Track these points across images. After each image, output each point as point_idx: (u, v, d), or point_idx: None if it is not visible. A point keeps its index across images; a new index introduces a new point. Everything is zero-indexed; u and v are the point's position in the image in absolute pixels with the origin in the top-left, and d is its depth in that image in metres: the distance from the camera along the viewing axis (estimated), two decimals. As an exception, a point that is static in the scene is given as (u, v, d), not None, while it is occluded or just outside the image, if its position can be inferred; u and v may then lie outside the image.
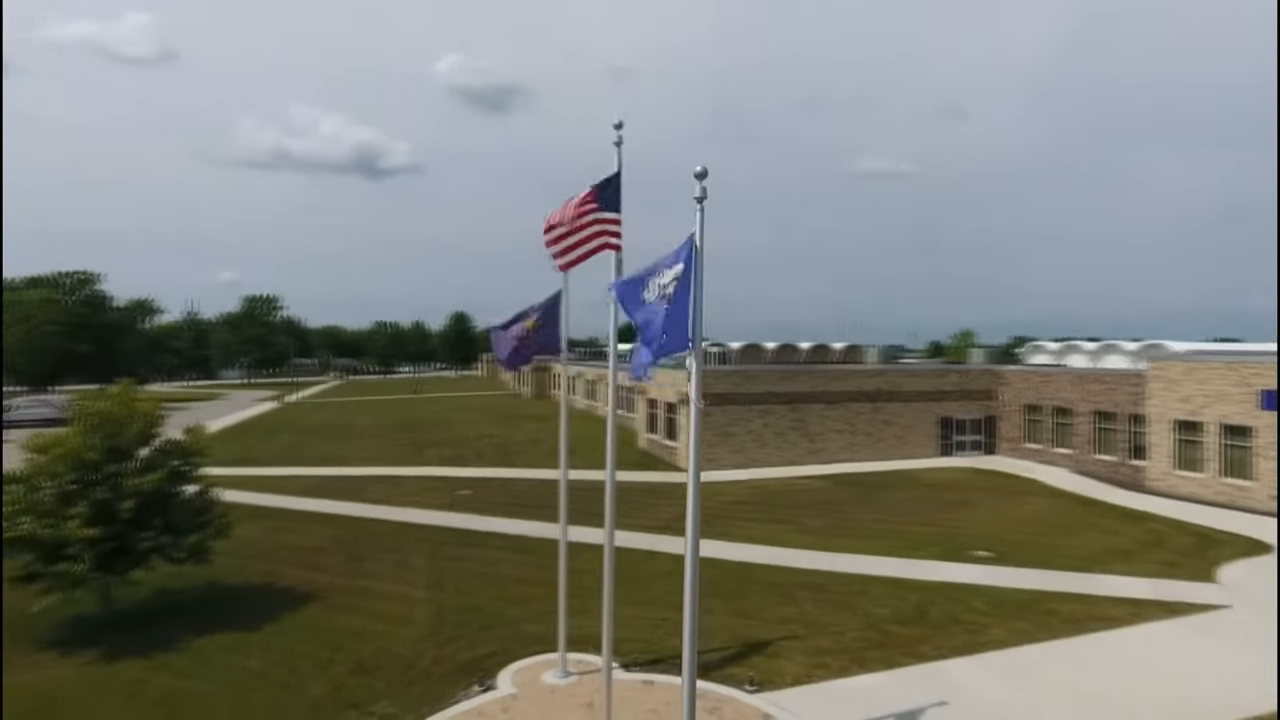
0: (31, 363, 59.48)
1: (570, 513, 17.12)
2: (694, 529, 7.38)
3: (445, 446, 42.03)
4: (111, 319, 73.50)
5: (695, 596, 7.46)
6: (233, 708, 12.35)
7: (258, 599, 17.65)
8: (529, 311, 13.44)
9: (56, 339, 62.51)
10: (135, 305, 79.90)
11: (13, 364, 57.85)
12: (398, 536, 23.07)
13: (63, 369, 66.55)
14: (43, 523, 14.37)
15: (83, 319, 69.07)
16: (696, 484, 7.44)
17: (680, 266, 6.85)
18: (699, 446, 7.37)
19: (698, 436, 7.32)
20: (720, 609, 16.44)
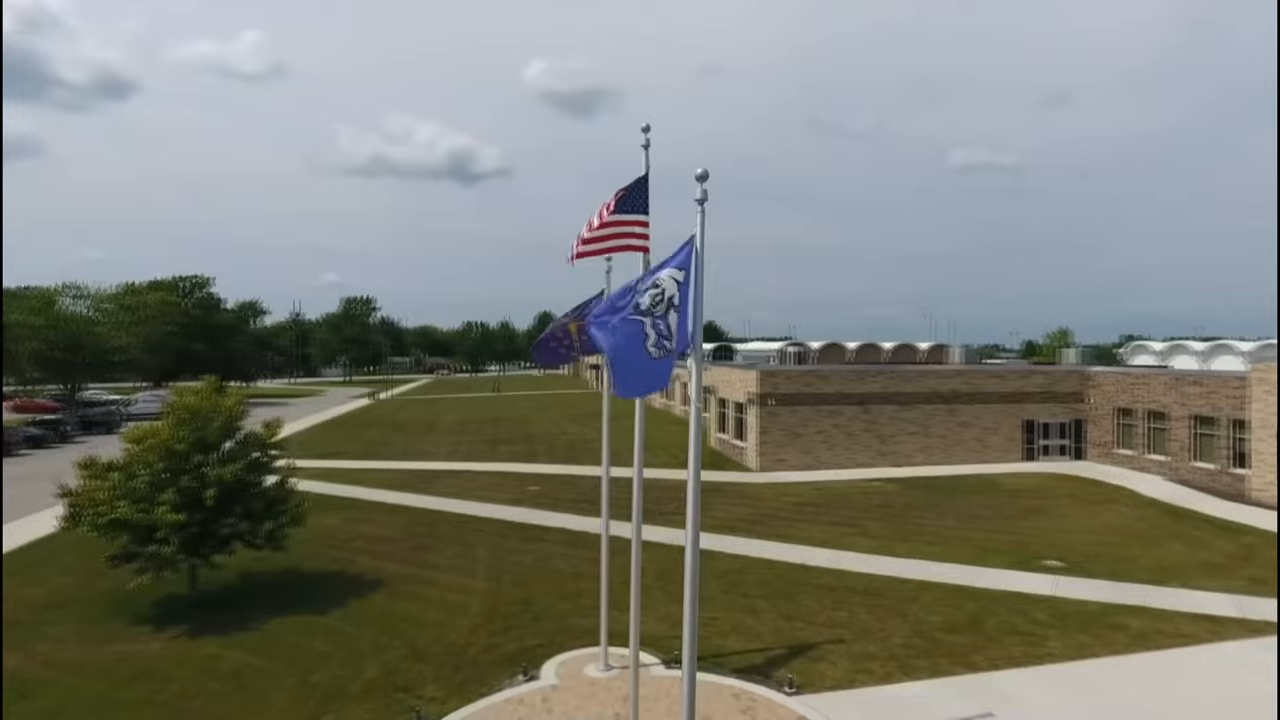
0: (152, 360, 64.49)
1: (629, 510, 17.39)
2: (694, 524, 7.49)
3: (519, 443, 43.12)
4: (223, 320, 78.80)
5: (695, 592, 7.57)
6: (293, 685, 13.18)
7: (330, 585, 18.69)
8: (573, 312, 13.76)
9: (175, 338, 67.52)
10: (244, 307, 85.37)
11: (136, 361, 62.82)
12: (463, 529, 23.93)
13: (180, 366, 71.80)
14: (136, 508, 15.67)
15: (198, 320, 74.37)
16: (696, 482, 7.55)
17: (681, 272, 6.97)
18: (699, 444, 7.46)
19: (698, 435, 7.43)
20: (768, 610, 16.38)
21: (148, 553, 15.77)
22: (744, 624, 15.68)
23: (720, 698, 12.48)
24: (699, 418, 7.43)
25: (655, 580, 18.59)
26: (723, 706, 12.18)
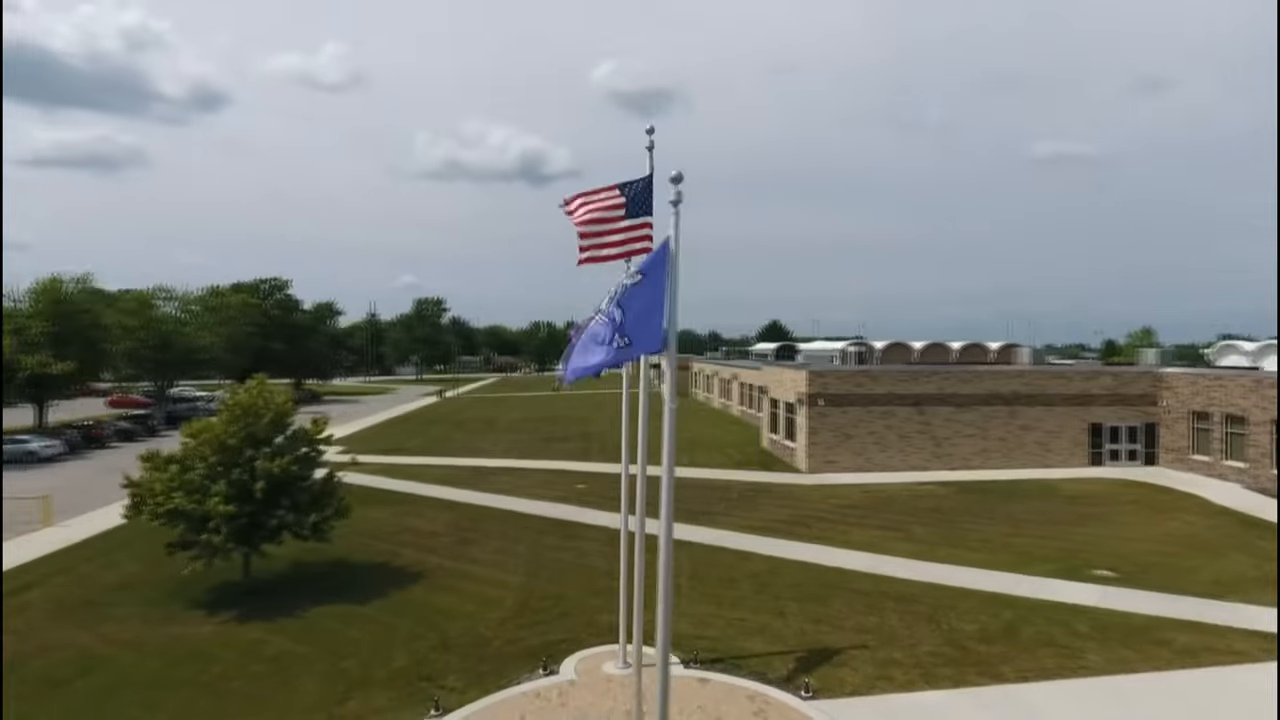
0: (233, 358, 67.87)
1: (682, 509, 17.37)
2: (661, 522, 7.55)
3: (573, 441, 43.67)
4: (300, 320, 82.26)
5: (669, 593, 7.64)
6: (326, 670, 13.78)
7: (374, 576, 19.41)
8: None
9: (254, 338, 70.88)
10: (321, 307, 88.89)
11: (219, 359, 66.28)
12: (508, 525, 24.44)
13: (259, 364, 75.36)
14: (190, 499, 16.64)
15: (276, 320, 77.87)
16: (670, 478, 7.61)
17: (639, 276, 7.08)
18: (674, 444, 7.53)
19: (672, 434, 7.49)
20: (797, 613, 16.23)
21: (201, 541, 16.72)
22: (770, 626, 15.58)
23: (734, 699, 12.47)
24: (673, 419, 7.49)
25: (687, 580, 18.66)
26: (735, 708, 12.17)
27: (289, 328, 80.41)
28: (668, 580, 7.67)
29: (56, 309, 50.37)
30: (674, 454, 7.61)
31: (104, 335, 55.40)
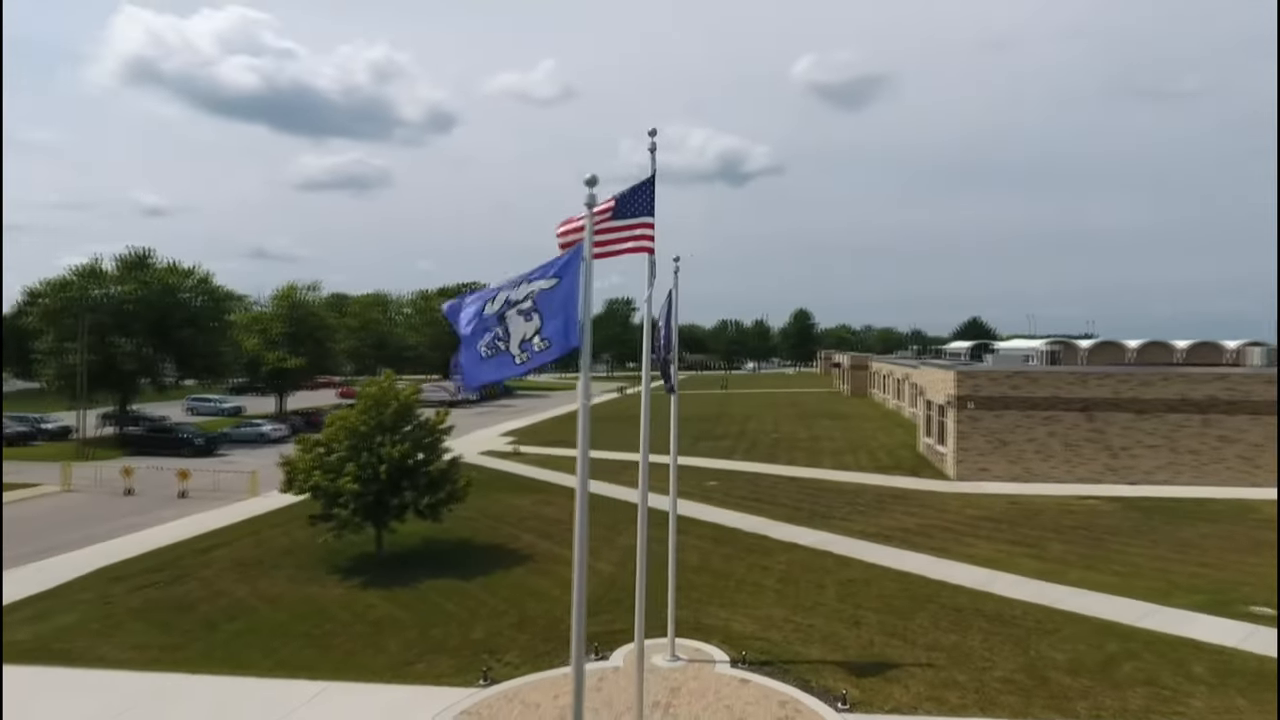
0: (437, 356, 75.39)
1: (804, 511, 17.38)
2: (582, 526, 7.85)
3: (724, 439, 43.81)
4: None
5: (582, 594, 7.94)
6: (413, 636, 15.33)
7: (488, 556, 21.06)
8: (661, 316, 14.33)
9: (454, 336, 78.02)
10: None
11: (424, 356, 74.04)
12: (621, 516, 25.29)
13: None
14: (326, 477, 19.12)
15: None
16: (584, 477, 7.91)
17: (555, 280, 7.42)
18: (586, 449, 7.81)
19: (585, 439, 7.78)
20: (872, 624, 15.54)
21: (334, 515, 19.16)
22: (838, 634, 15.08)
23: (764, 703, 12.34)
24: (586, 419, 7.80)
25: (774, 582, 18.45)
26: (762, 711, 12.05)
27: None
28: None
29: (292, 312, 58.77)
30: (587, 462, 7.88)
31: (330, 335, 63.76)
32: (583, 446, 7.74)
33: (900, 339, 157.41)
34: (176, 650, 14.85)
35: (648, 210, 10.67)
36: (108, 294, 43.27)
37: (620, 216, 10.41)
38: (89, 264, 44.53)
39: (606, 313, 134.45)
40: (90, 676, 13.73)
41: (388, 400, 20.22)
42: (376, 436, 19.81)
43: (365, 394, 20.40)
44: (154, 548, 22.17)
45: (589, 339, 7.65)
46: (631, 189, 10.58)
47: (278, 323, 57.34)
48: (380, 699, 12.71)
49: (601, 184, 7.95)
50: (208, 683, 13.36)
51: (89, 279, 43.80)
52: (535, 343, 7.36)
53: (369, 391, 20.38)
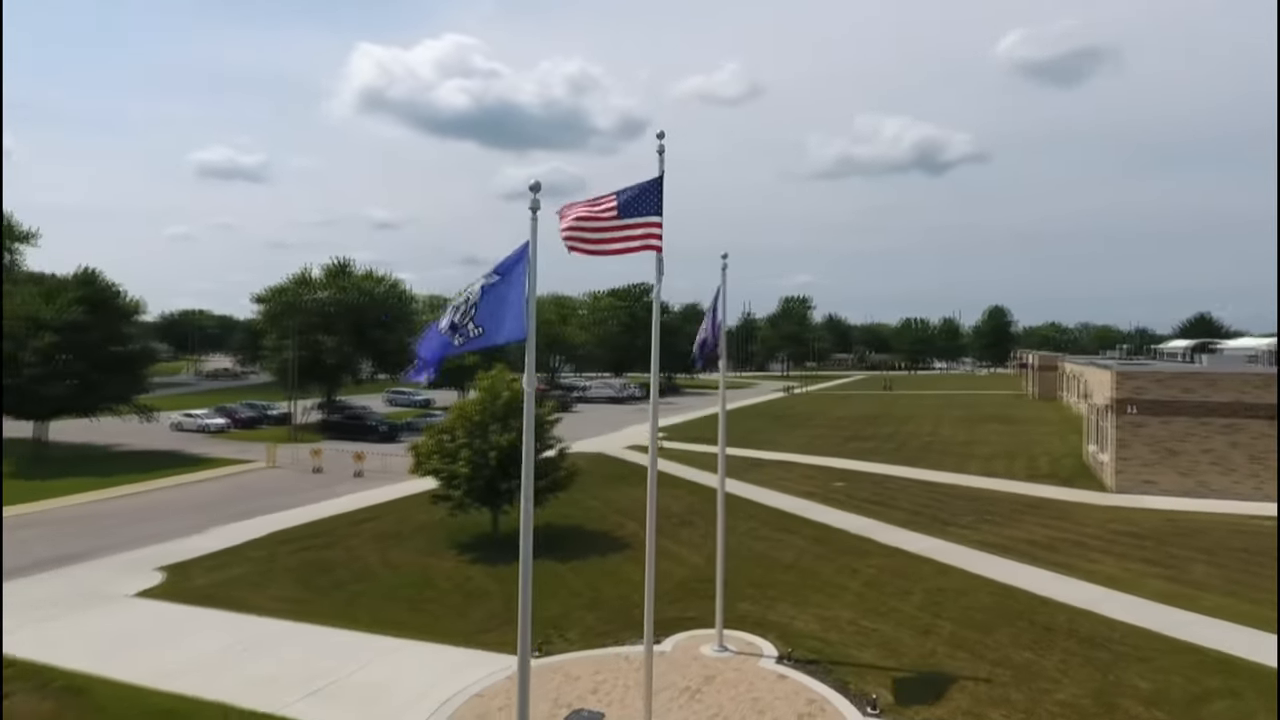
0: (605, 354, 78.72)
1: (923, 517, 17.12)
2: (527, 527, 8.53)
3: (871, 441, 42.24)
4: (667, 321, 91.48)
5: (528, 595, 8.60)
6: (495, 608, 16.68)
7: (592, 542, 22.22)
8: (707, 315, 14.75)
9: (623, 336, 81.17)
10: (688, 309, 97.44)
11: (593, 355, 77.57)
12: (734, 513, 25.44)
13: (628, 359, 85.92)
14: (443, 461, 21.16)
15: (643, 320, 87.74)
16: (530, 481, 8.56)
17: (498, 277, 8.14)
18: (531, 449, 8.45)
19: (531, 436, 8.43)
20: (943, 634, 14.85)
21: (450, 496, 21.17)
22: (901, 641, 14.57)
23: (791, 699, 12.33)
24: (531, 403, 8.46)
25: (860, 585, 18.04)
26: (786, 707, 12.07)
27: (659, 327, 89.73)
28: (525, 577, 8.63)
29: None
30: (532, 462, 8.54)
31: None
32: (528, 444, 8.42)
33: (1119, 338, 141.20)
34: (306, 603, 17.27)
35: (656, 210, 11.09)
36: (315, 298, 49.67)
37: (627, 215, 10.89)
38: (301, 272, 51.37)
39: (782, 311, 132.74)
40: (234, 618, 16.37)
41: (499, 392, 21.95)
42: (490, 425, 21.57)
43: (480, 386, 22.28)
44: (320, 518, 25.52)
45: (534, 333, 8.35)
46: (639, 187, 11.02)
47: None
48: (444, 658, 14.14)
49: (795, 181, 8.40)
50: (315, 631, 15.50)
51: (301, 285, 50.55)
52: (470, 329, 8.17)
53: (483, 384, 22.23)
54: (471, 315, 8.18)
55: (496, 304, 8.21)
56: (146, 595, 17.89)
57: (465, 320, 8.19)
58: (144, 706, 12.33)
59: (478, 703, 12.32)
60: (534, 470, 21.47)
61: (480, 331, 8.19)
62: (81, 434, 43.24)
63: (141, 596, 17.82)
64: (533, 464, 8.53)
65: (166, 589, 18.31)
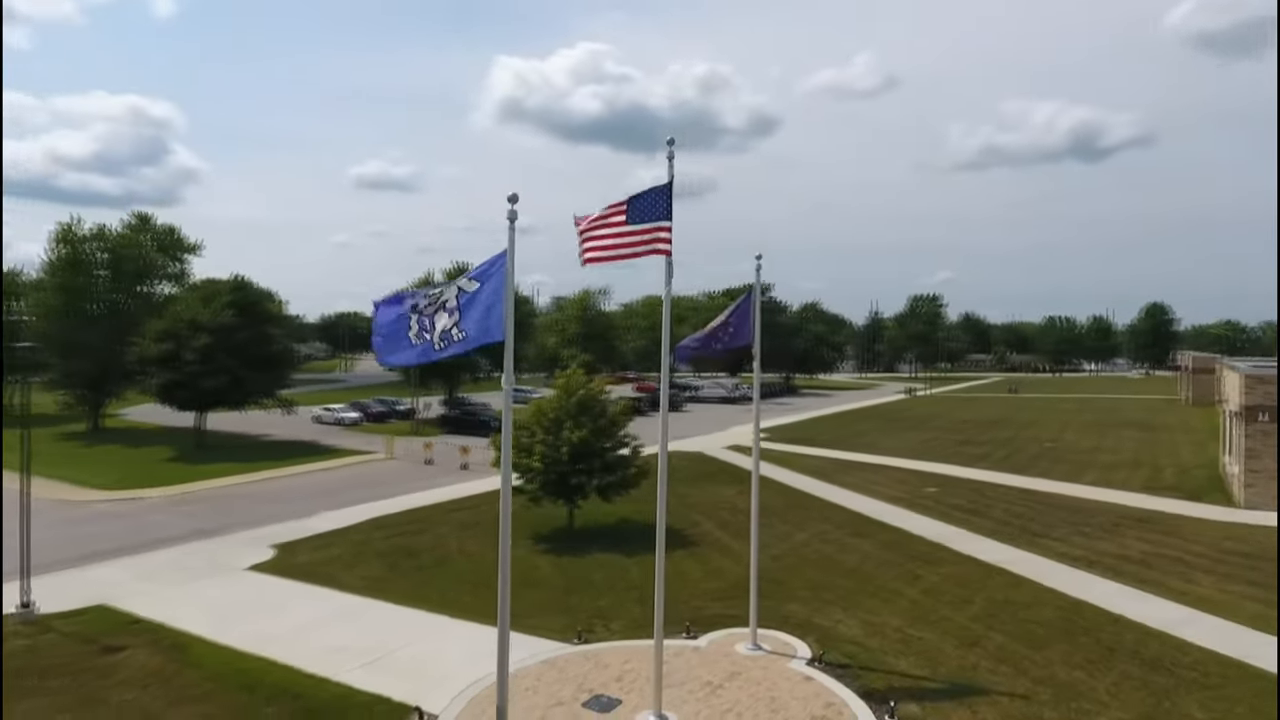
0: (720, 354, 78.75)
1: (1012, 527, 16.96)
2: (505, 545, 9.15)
3: (982, 446, 40.19)
4: (783, 320, 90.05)
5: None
6: (550, 595, 17.56)
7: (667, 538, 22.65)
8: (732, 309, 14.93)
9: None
10: (806, 308, 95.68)
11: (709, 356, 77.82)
12: (811, 513, 25.29)
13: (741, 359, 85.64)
14: (519, 455, 22.30)
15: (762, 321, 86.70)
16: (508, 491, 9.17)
17: (476, 283, 8.77)
18: (509, 437, 9.04)
19: (509, 428, 9.03)
20: (992, 647, 14.33)
21: (525, 489, 22.30)
22: (942, 651, 14.18)
23: (809, 701, 12.36)
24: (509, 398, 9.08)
25: (922, 593, 17.63)
26: (801, 708, 12.11)
27: (772, 327, 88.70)
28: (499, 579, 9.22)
29: (584, 314, 66.02)
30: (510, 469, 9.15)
31: (618, 335, 70.30)
32: (505, 447, 9.07)
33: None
34: (386, 582, 18.81)
35: (665, 214, 11.42)
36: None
37: (635, 220, 11.30)
38: (425, 275, 54.83)
39: (910, 310, 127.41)
40: (324, 593, 18.10)
41: (574, 390, 22.87)
42: (564, 422, 22.53)
43: (557, 384, 23.28)
44: (418, 506, 27.44)
45: (511, 335, 8.99)
46: (648, 193, 11.39)
47: (573, 324, 64.77)
48: (489, 639, 15.01)
49: (935, 174, 8.75)
50: (386, 608, 16.91)
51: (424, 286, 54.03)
52: (454, 334, 8.87)
53: (559, 383, 23.22)
54: (455, 320, 8.90)
55: (477, 308, 8.88)
56: (257, 569, 20.04)
57: (449, 325, 8.91)
58: (231, 667, 13.98)
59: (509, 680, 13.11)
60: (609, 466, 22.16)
61: (463, 335, 8.90)
62: (236, 424, 48.20)
63: (253, 570, 19.98)
64: (509, 445, 9.15)
65: (275, 564, 20.43)
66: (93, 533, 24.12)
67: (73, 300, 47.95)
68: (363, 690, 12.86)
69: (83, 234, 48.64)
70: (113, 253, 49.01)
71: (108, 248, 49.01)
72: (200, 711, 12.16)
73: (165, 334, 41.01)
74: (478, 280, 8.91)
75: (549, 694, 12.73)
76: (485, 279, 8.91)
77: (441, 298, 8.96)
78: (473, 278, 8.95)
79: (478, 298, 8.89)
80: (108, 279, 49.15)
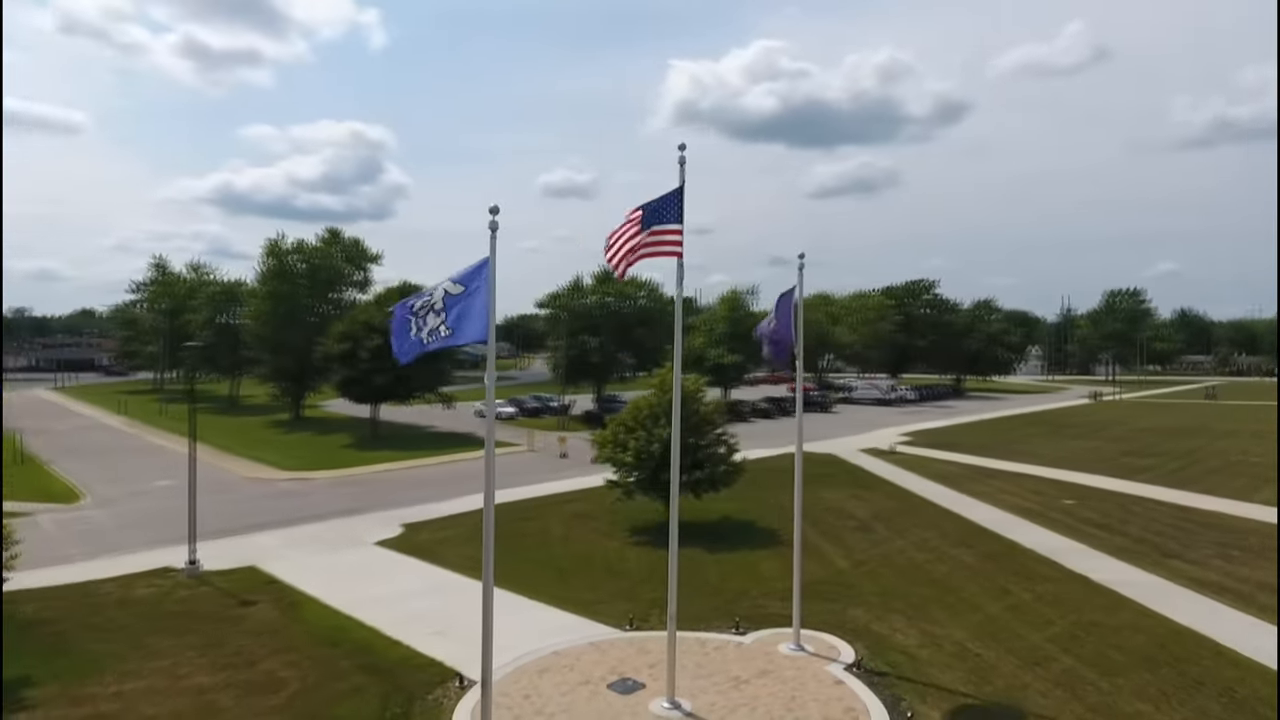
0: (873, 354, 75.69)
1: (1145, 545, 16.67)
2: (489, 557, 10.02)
3: (1154, 457, 36.16)
4: (954, 320, 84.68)
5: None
6: (626, 584, 18.38)
7: (752, 537, 22.86)
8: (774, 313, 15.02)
9: (897, 335, 77.29)
10: (979, 305, 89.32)
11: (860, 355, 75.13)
12: (919, 519, 24.34)
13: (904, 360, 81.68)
14: (615, 451, 23.32)
15: (924, 319, 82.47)
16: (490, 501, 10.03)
17: (461, 287, 9.64)
18: (492, 426, 9.88)
19: (491, 421, 9.88)
20: (1056, 670, 13.46)
21: (618, 483, 23.29)
22: (996, 669, 13.50)
23: (831, 704, 12.33)
24: (493, 411, 9.94)
25: (1003, 609, 16.84)
26: (818, 710, 12.13)
27: (940, 326, 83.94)
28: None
29: (732, 314, 66.09)
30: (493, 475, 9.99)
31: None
32: (489, 448, 9.96)
33: None
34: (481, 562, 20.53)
35: (676, 218, 11.88)
36: (584, 303, 55.45)
37: (650, 225, 11.85)
38: (574, 280, 57.58)
39: (1106, 307, 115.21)
40: (428, 568, 20.08)
41: (668, 388, 23.52)
42: (660, 418, 23.28)
43: (655, 383, 24.06)
44: (537, 496, 29.25)
45: (494, 334, 9.87)
46: (660, 199, 11.89)
47: (721, 323, 65.11)
48: (553, 620, 16.18)
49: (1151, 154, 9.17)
50: (474, 585, 18.33)
51: (574, 292, 56.68)
52: (441, 330, 9.85)
53: (655, 380, 23.99)
54: (442, 319, 9.92)
55: (462, 309, 9.83)
56: (382, 544, 22.50)
57: (437, 323, 9.94)
58: (329, 624, 16.06)
59: (551, 658, 14.12)
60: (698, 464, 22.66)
61: (449, 332, 9.90)
62: (408, 417, 53.25)
63: (379, 545, 22.45)
64: (494, 439, 10.03)
65: (397, 541, 22.82)
66: (267, 506, 28.00)
67: (279, 305, 55.19)
68: (424, 654, 14.35)
69: (285, 248, 55.84)
70: (309, 263, 55.85)
71: (305, 259, 55.92)
72: (288, 660, 14.16)
73: (345, 335, 46.22)
74: (462, 284, 9.87)
75: (582, 673, 13.54)
76: (468, 282, 9.86)
77: (432, 300, 10.01)
78: (458, 281, 9.91)
79: (462, 300, 9.84)
80: (306, 286, 56.09)
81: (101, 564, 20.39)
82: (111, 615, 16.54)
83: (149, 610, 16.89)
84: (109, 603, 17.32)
